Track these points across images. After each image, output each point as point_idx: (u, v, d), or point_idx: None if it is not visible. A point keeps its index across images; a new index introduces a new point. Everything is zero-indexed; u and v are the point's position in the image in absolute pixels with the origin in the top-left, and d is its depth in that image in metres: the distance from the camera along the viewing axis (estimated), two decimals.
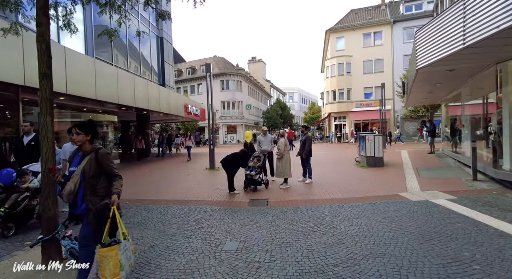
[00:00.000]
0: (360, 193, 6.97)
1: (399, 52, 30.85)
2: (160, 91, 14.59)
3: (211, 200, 6.86)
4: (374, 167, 10.66)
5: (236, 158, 7.68)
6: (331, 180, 8.93)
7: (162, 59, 17.59)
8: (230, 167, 7.59)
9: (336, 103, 33.43)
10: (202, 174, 10.93)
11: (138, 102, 12.37)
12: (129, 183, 9.22)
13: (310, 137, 8.68)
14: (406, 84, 12.17)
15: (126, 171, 12.10)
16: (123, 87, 11.17)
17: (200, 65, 43.53)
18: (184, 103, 18.27)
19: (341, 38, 33.73)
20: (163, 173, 11.42)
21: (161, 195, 7.48)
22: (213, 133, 12.40)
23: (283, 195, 7.17)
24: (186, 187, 8.50)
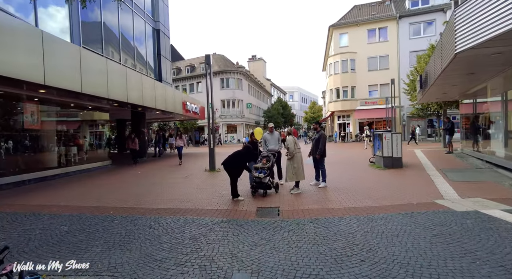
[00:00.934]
0: (387, 200, 5.92)
1: (405, 49, 29.81)
2: (156, 86, 13.52)
3: (212, 208, 5.81)
4: (391, 168, 9.62)
5: (239, 156, 6.63)
6: (348, 183, 7.88)
7: (158, 53, 16.52)
8: (233, 169, 6.55)
9: (339, 102, 32.37)
10: (202, 176, 9.87)
11: (132, 98, 11.30)
12: (117, 187, 8.14)
13: (325, 136, 7.63)
14: (424, 78, 11.14)
15: (117, 173, 11.04)
16: (114, 81, 10.10)
17: (200, 62, 42.43)
18: (182, 100, 17.20)
19: (344, 34, 32.68)
20: (158, 174, 10.36)
21: (154, 202, 6.42)
22: (213, 132, 11.33)
23: (295, 202, 6.12)
24: (183, 192, 7.43)
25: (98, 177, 10.17)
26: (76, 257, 3.53)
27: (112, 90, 9.96)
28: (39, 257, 3.56)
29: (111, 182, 9.07)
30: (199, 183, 8.62)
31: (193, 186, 8.11)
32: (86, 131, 13.15)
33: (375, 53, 31.28)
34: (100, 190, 7.84)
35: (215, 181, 8.83)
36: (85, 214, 5.51)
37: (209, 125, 11.32)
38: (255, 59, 58.01)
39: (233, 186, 6.52)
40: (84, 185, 8.68)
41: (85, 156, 11.88)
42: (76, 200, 6.73)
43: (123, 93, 10.75)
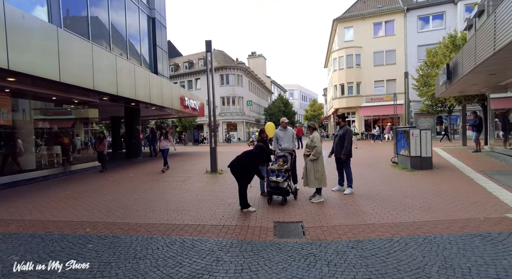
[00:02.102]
0: (438, 212, 4.68)
1: (413, 43, 28.58)
2: (150, 78, 12.21)
3: (217, 223, 4.56)
4: (420, 169, 8.38)
5: (250, 158, 5.37)
6: (376, 188, 6.64)
7: (154, 44, 15.20)
8: (243, 173, 5.29)
9: (344, 98, 31.12)
10: (202, 179, 8.61)
11: (122, 90, 10.00)
12: (102, 194, 6.85)
13: (351, 131, 6.37)
14: (452, 68, 9.88)
15: (106, 176, 9.75)
16: (101, 70, 8.81)
17: (198, 58, 41.11)
18: (180, 95, 15.90)
19: (349, 28, 31.39)
20: (153, 177, 9.08)
21: (144, 214, 5.15)
22: (214, 129, 10.06)
23: (321, 215, 4.88)
24: (181, 200, 6.16)
25: (82, 180, 8.88)
26: None
27: (99, 81, 8.66)
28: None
29: (96, 187, 7.78)
30: (200, 188, 7.35)
31: (192, 192, 6.84)
32: (80, 129, 11.88)
33: (381, 47, 30.03)
34: (81, 198, 6.56)
35: (218, 185, 7.57)
36: (52, 233, 4.24)
37: (210, 121, 10.05)
38: (255, 56, 56.67)
39: (242, 194, 5.26)
40: (63, 191, 7.38)
41: (72, 156, 10.59)
42: (46, 211, 5.46)
43: (112, 85, 9.45)
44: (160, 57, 15.83)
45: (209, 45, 9.49)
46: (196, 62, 41.64)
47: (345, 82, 31.00)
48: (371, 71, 30.32)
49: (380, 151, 15.52)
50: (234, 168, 5.32)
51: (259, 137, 6.65)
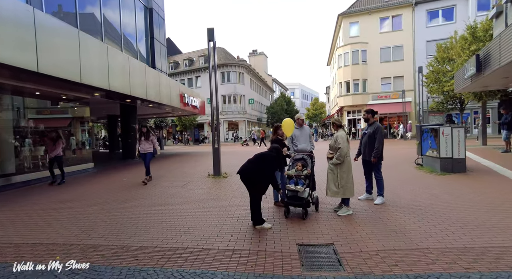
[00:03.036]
0: (507, 233, 3.68)
1: (422, 38, 27.53)
2: (147, 72, 11.20)
3: (225, 247, 3.56)
4: (452, 172, 7.38)
5: (265, 162, 4.37)
6: (410, 196, 5.64)
7: (151, 36, 14.17)
8: (256, 181, 4.28)
9: (350, 96, 30.08)
10: (204, 184, 7.60)
11: (115, 84, 9.00)
12: (84, 207, 5.81)
13: (382, 130, 5.36)
14: (483, 58, 8.85)
15: (96, 180, 8.75)
16: (89, 61, 7.80)
17: (198, 56, 40.08)
18: (180, 92, 14.89)
19: (355, 24, 30.33)
20: (148, 183, 8.07)
21: (134, 232, 4.15)
22: (217, 126, 9.07)
23: (354, 233, 3.91)
24: (179, 212, 5.16)
25: (68, 186, 7.85)
26: None
27: (87, 73, 7.65)
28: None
29: (81, 195, 6.77)
30: (202, 195, 6.34)
31: (193, 201, 5.83)
32: (77, 129, 10.88)
33: (388, 43, 28.98)
34: (60, 209, 5.55)
35: (223, 192, 6.56)
36: (5, 263, 3.23)
37: (212, 118, 9.05)
38: (256, 54, 55.58)
39: (256, 207, 4.25)
40: (42, 199, 6.38)
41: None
42: (12, 229, 4.45)
43: (103, 79, 8.45)
44: (158, 51, 14.81)
45: (211, 33, 8.48)
46: (196, 59, 40.60)
47: (350, 79, 29.96)
48: (378, 67, 29.29)
49: (394, 151, 14.50)
50: (245, 175, 4.31)
51: (273, 136, 5.63)
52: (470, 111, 26.61)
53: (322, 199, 5.55)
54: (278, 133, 5.60)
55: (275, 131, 5.61)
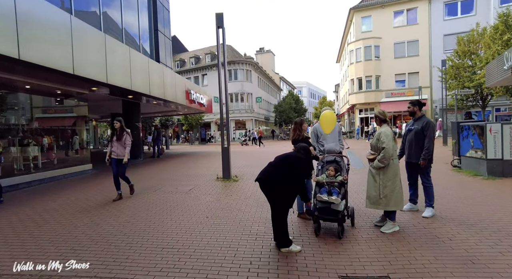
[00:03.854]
0: None
1: (439, 32, 26.20)
2: (150, 66, 10.35)
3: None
4: (502, 176, 6.31)
5: (293, 166, 3.41)
6: (463, 208, 4.63)
7: (155, 28, 13.33)
8: (281, 191, 3.32)
9: (362, 93, 28.89)
10: (213, 189, 6.67)
11: (114, 78, 8.15)
12: (72, 218, 4.92)
13: (434, 126, 4.36)
14: None
15: (91, 184, 7.91)
16: (84, 51, 6.96)
17: (205, 53, 39.31)
18: (186, 88, 14.03)
19: (367, 18, 29.11)
20: (149, 187, 7.19)
21: (126, 255, 3.24)
22: (227, 124, 8.17)
23: (412, 260, 2.98)
24: (183, 227, 4.23)
25: (59, 191, 6.99)
26: None
27: (82, 64, 6.81)
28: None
29: (71, 203, 5.91)
30: (211, 203, 5.42)
31: (201, 211, 4.91)
32: (82, 128, 10.09)
33: (403, 38, 27.72)
34: (43, 222, 4.69)
35: (235, 200, 5.63)
36: None
37: (221, 113, 8.14)
38: (263, 52, 54.63)
39: (281, 224, 3.30)
40: (23, 208, 5.52)
41: (56, 158, 8.78)
42: None
43: (100, 71, 7.60)
44: (163, 44, 13.97)
45: (220, 19, 7.56)
46: (203, 57, 39.82)
47: (363, 76, 28.77)
48: (391, 63, 28.04)
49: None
50: (267, 183, 3.37)
51: (295, 133, 4.65)
52: (491, 108, 25.17)
53: (357, 210, 4.58)
54: (304, 128, 4.63)
55: (298, 127, 4.64)
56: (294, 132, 4.63)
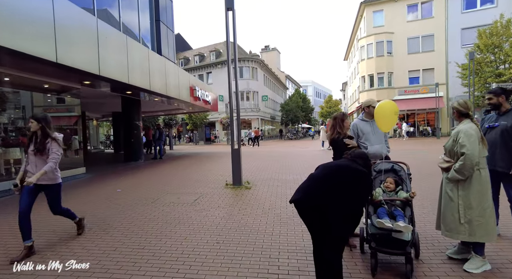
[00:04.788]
0: None
1: (456, 26, 24.86)
2: (150, 58, 9.32)
3: None
4: None
5: (350, 179, 2.29)
6: None
7: (156, 19, 12.30)
8: (333, 217, 2.20)
9: (374, 90, 27.63)
10: (222, 199, 5.59)
11: (108, 69, 7.12)
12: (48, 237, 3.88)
13: None
14: None
15: (81, 190, 6.88)
16: (71, 36, 5.93)
17: (210, 51, 38.31)
18: (190, 84, 12.99)
19: (379, 12, 27.84)
20: (148, 196, 6.13)
21: None
22: (238, 120, 7.10)
23: None
24: (186, 255, 3.16)
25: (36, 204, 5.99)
26: None
27: (67, 50, 5.77)
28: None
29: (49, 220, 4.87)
30: (220, 219, 4.34)
31: (208, 231, 3.83)
32: (77, 128, 9.12)
33: (417, 32, 26.43)
34: (5, 245, 3.65)
35: (249, 213, 4.54)
36: None
37: (231, 111, 7.06)
38: (269, 50, 53.59)
39: (334, 271, 2.19)
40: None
41: None
42: None
43: (91, 61, 6.57)
44: (165, 36, 12.94)
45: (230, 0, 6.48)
46: (207, 55, 38.83)
47: (374, 73, 27.52)
48: (405, 59, 26.78)
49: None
50: (310, 206, 2.27)
51: (333, 132, 3.55)
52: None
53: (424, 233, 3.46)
54: (345, 125, 3.53)
55: (339, 123, 3.53)
56: (334, 131, 3.54)
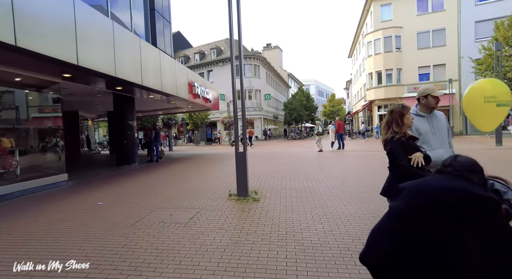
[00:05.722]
0: None
1: (469, 18, 23.62)
2: (143, 49, 8.22)
3: None
4: None
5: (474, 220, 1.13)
6: None
7: (151, 7, 11.17)
8: None
9: (382, 88, 26.43)
10: (225, 217, 4.46)
11: (88, 59, 6.02)
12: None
13: None
14: None
15: (57, 202, 5.78)
16: (34, 13, 4.83)
17: (210, 48, 37.23)
18: (189, 79, 11.89)
19: (387, 6, 26.63)
20: (131, 213, 5.02)
21: None
22: (243, 119, 6.02)
23: None
24: None
25: (7, 217, 4.92)
26: None
27: (29, 33, 4.67)
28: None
29: (5, 243, 3.78)
30: (223, 247, 3.22)
31: (206, 269, 2.71)
32: (57, 129, 7.99)
33: (427, 26, 25.19)
34: None
35: (263, 240, 3.42)
36: None
37: (235, 110, 5.98)
38: (271, 48, 52.34)
39: None
40: None
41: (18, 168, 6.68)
42: None
43: (67, 48, 5.46)
44: (161, 27, 11.82)
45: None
46: (208, 52, 37.74)
47: (382, 69, 26.32)
48: (414, 55, 25.56)
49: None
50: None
51: (389, 131, 2.43)
52: None
53: None
54: (404, 123, 2.41)
55: (397, 118, 2.41)
56: (389, 129, 2.43)
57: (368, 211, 4.30)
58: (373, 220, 3.90)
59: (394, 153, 2.27)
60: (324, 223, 3.92)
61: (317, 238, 3.44)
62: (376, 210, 4.30)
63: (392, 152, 2.28)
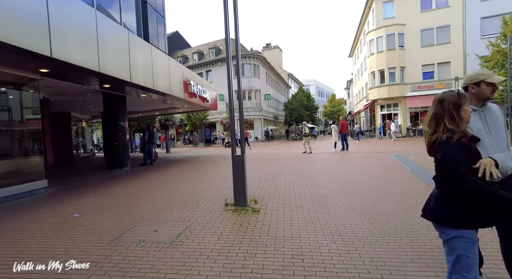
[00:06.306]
0: None
1: (475, 15, 22.96)
2: (132, 42, 7.53)
3: None
4: None
5: None
6: None
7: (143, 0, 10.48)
8: None
9: (385, 87, 25.75)
10: (220, 235, 3.77)
11: (65, 50, 5.33)
12: None
13: None
14: None
15: (29, 214, 5.09)
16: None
17: (209, 48, 36.56)
18: (184, 77, 11.19)
19: (389, 3, 25.97)
20: (110, 228, 4.33)
21: None
22: (241, 119, 5.33)
23: None
24: None
25: None
26: None
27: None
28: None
29: None
30: (220, 278, 2.54)
31: None
32: (35, 131, 7.35)
33: (431, 23, 24.53)
34: None
35: (263, 268, 2.72)
36: None
37: (231, 109, 5.28)
38: (270, 48, 51.72)
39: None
40: None
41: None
42: None
43: (39, 36, 4.78)
44: (154, 22, 11.13)
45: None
46: (206, 52, 37.08)
47: (385, 68, 25.65)
48: (418, 53, 24.89)
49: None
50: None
51: (439, 129, 1.73)
52: None
53: None
54: (461, 117, 1.72)
55: (451, 111, 1.71)
56: (438, 125, 1.73)
57: (391, 227, 3.59)
58: (398, 239, 3.21)
59: (456, 162, 1.56)
60: (338, 242, 3.23)
61: (331, 263, 2.76)
62: (401, 226, 3.60)
63: (451, 158, 1.58)
